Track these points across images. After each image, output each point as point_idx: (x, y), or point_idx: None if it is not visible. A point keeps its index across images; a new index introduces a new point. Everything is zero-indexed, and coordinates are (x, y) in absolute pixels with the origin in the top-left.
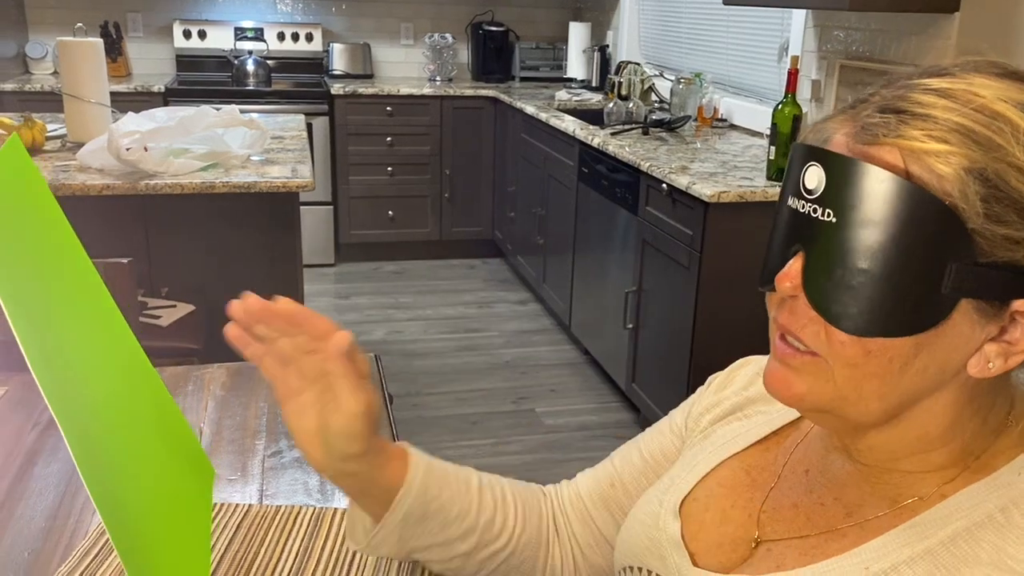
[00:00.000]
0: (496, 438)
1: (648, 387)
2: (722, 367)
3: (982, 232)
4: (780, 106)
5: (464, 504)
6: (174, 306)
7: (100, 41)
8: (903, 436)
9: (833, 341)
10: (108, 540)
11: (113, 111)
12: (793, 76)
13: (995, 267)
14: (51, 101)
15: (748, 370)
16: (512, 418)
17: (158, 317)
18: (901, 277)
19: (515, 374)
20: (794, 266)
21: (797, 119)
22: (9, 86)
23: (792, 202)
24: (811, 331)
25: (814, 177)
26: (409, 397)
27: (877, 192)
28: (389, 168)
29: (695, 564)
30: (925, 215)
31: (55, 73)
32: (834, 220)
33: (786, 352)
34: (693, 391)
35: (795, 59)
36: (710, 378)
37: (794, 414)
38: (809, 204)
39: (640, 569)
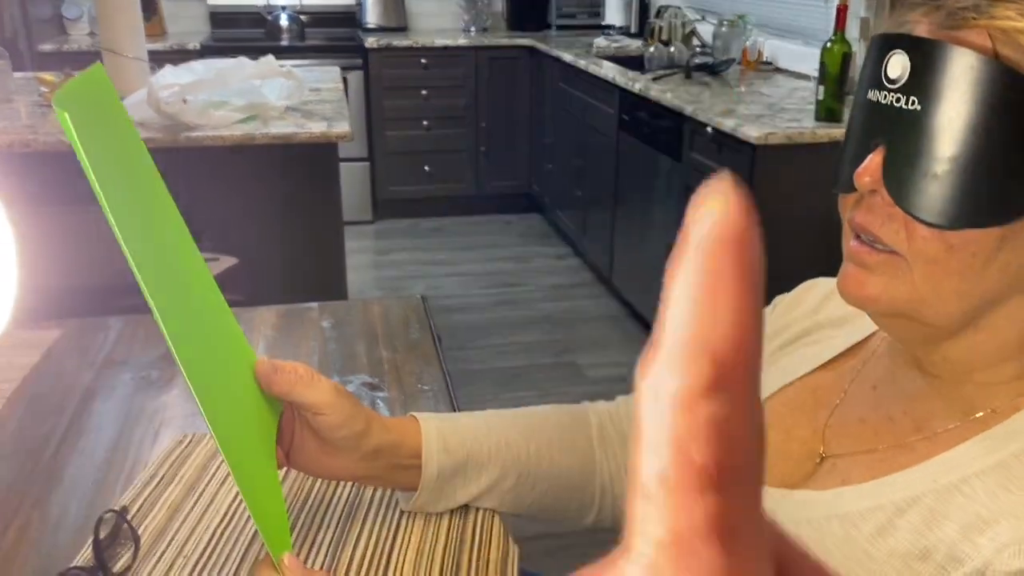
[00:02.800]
0: (539, 390)
1: None
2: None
3: None
4: (829, 45)
5: (492, 444)
6: (217, 259)
7: None
8: (981, 345)
9: (914, 236)
10: (167, 470)
11: (152, 65)
12: (843, 13)
13: None
14: (88, 60)
15: (817, 292)
16: (554, 371)
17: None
18: (990, 165)
19: (556, 327)
20: (874, 160)
21: (847, 57)
22: (48, 47)
23: (872, 94)
24: (890, 228)
25: (897, 65)
26: (451, 351)
27: (965, 76)
28: (425, 122)
29: None
30: (1016, 98)
31: (91, 33)
32: (919, 108)
33: (861, 250)
34: None
35: None
36: (776, 299)
37: (862, 334)
38: (892, 94)
39: None
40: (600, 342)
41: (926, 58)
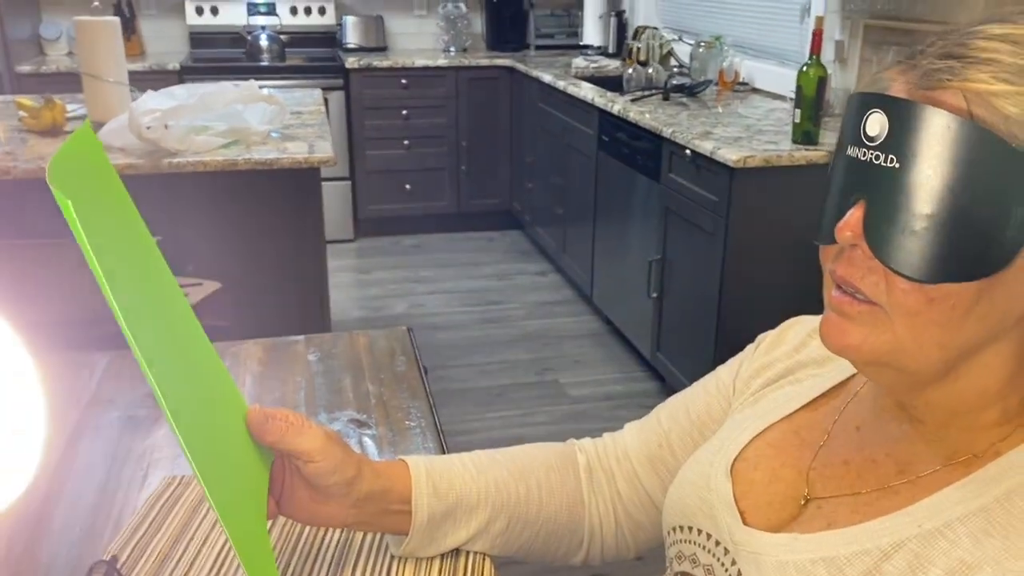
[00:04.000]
0: (521, 409)
1: (673, 356)
2: (750, 334)
3: None
4: (805, 68)
5: (481, 487)
6: (200, 284)
7: (116, 19)
8: (963, 391)
9: (894, 289)
10: (156, 516)
11: (132, 90)
12: (817, 37)
13: None
14: (67, 82)
15: (799, 330)
16: (536, 389)
17: (186, 295)
18: (966, 221)
19: (538, 345)
20: (855, 215)
21: (822, 81)
22: (26, 68)
23: (852, 151)
24: (870, 281)
25: (876, 124)
26: (433, 370)
27: (942, 135)
28: (406, 141)
29: (745, 523)
30: (990, 158)
31: (70, 54)
32: (897, 165)
33: (842, 300)
34: (720, 358)
35: (819, 19)
36: (760, 337)
37: (844, 375)
38: (871, 151)
39: (691, 528)
40: (582, 360)
41: (903, 117)
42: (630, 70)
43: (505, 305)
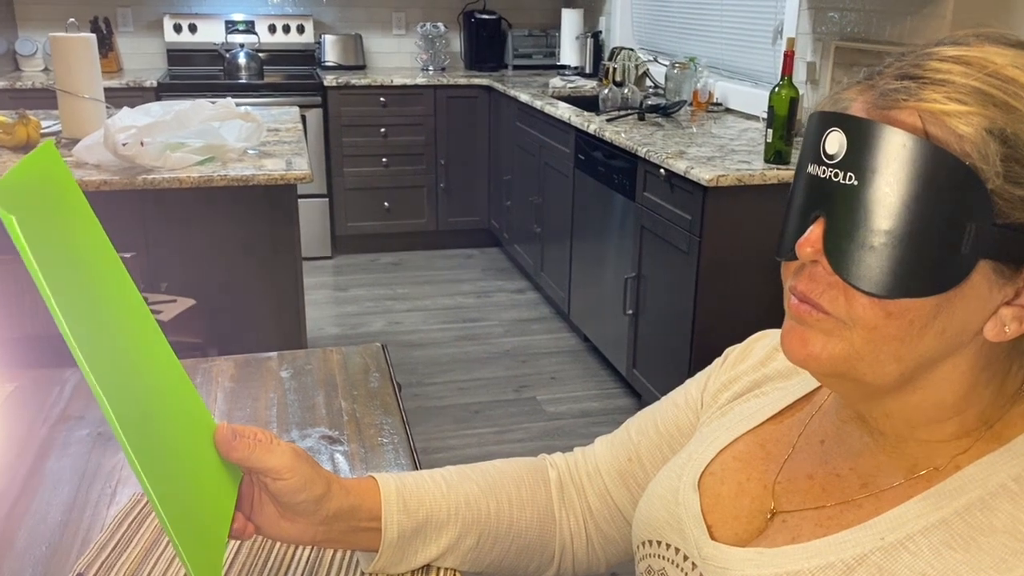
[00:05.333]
0: (498, 427)
1: (649, 372)
2: (724, 350)
3: (1000, 193)
4: (777, 89)
5: (451, 503)
6: (174, 300)
7: (93, 36)
8: (920, 403)
9: (854, 304)
10: (124, 533)
11: (108, 107)
12: (789, 58)
13: (1012, 228)
14: (43, 98)
15: (765, 343)
16: (514, 406)
17: (159, 312)
18: (923, 237)
19: (515, 363)
20: (815, 232)
21: (794, 102)
22: (1, 84)
23: (812, 169)
24: (830, 296)
25: (835, 142)
26: (410, 387)
27: (898, 154)
28: (384, 159)
29: (712, 537)
30: (945, 176)
31: (46, 70)
32: (855, 183)
33: (802, 309)
34: (695, 374)
35: (791, 41)
36: (727, 351)
37: (808, 387)
38: (830, 169)
39: (659, 543)
40: (559, 377)
41: (861, 136)
42: (606, 90)
43: (483, 323)
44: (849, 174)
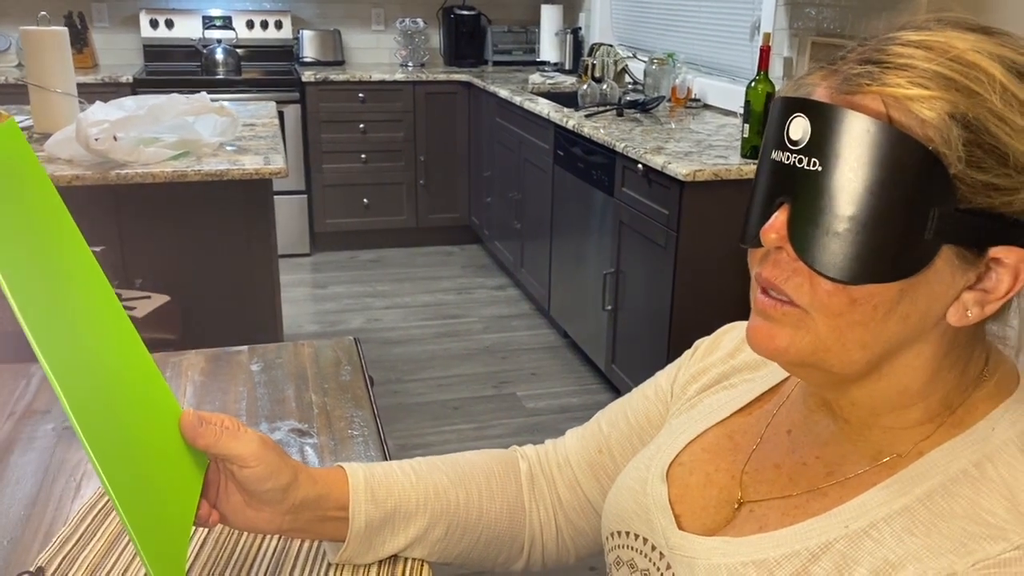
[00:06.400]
0: (478, 423)
1: (628, 368)
2: None
3: (963, 178)
4: (753, 84)
5: (420, 493)
6: (148, 297)
7: (64, 29)
8: (885, 389)
9: (818, 291)
10: (88, 527)
11: (81, 101)
12: (765, 54)
13: (974, 213)
14: (18, 94)
15: (734, 335)
16: (493, 402)
17: (133, 308)
18: (886, 222)
19: (495, 359)
20: (779, 218)
21: (770, 97)
22: None
23: (776, 155)
24: (794, 283)
25: (799, 128)
26: (389, 384)
27: (862, 139)
28: (363, 156)
29: (680, 527)
30: (908, 160)
31: (19, 65)
32: (819, 169)
33: (767, 303)
34: (666, 366)
35: (767, 36)
36: (696, 343)
37: (776, 379)
38: (794, 155)
39: (628, 533)
40: (539, 373)
41: (825, 122)
42: (585, 86)
43: (463, 319)
44: (813, 160)
